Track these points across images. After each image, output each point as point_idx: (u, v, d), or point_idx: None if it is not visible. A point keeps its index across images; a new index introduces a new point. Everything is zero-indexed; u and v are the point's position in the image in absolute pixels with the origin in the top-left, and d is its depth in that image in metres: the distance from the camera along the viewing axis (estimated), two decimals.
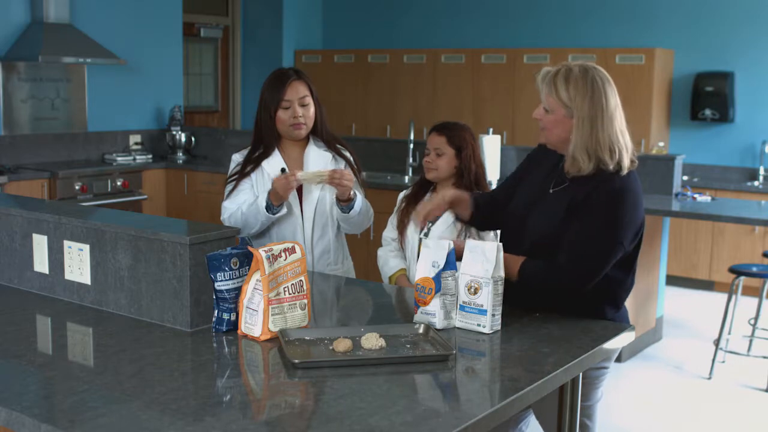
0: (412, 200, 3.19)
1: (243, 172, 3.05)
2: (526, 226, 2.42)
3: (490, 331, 2.18)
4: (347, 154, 3.14)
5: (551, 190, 2.41)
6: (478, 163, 3.14)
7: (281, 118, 2.99)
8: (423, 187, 3.21)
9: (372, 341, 2.01)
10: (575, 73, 2.31)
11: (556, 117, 2.33)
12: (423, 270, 2.23)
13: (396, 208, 3.24)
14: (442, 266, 2.21)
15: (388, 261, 3.19)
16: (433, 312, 2.20)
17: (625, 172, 2.31)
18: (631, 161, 2.35)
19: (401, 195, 3.28)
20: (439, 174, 3.13)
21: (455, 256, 2.26)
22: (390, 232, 3.25)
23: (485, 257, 2.19)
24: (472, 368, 2.01)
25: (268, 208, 2.91)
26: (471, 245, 2.23)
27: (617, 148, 2.30)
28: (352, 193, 2.96)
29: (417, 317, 2.23)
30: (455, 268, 2.23)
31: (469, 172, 3.10)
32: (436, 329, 2.16)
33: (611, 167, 2.30)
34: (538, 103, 2.40)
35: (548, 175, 2.46)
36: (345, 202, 2.97)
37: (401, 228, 3.18)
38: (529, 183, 2.53)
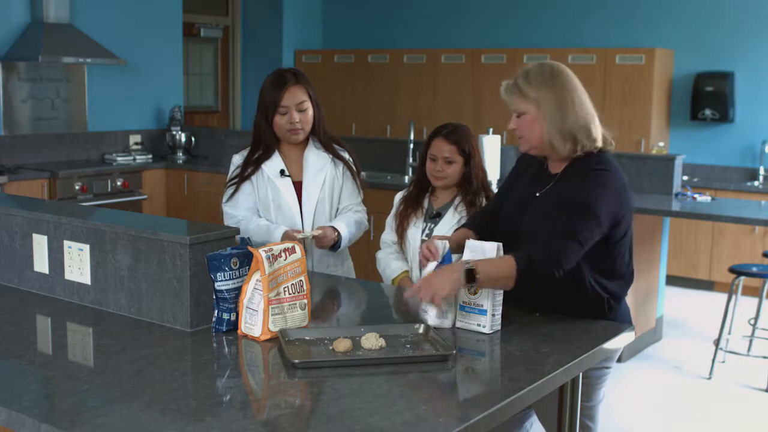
0: (412, 202, 3.14)
1: (243, 176, 3.05)
2: (520, 232, 2.41)
3: (490, 331, 2.18)
4: (346, 155, 3.14)
5: (538, 194, 2.42)
6: (483, 168, 3.10)
7: (278, 123, 2.99)
8: (422, 189, 3.15)
9: (372, 341, 2.01)
10: (531, 69, 2.39)
11: (531, 116, 2.36)
12: (428, 267, 2.30)
13: (394, 211, 3.21)
14: (435, 265, 2.26)
15: (390, 264, 3.15)
16: (426, 309, 2.24)
17: (599, 145, 2.35)
18: (609, 142, 2.39)
19: (398, 197, 3.23)
20: (448, 182, 3.05)
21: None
22: (389, 235, 3.20)
23: (485, 257, 2.20)
24: (472, 368, 2.02)
25: None
26: (471, 245, 2.25)
27: (591, 126, 2.35)
28: (335, 235, 3.00)
29: (420, 313, 2.27)
30: None
31: (477, 179, 3.05)
32: (432, 326, 2.18)
33: (588, 147, 2.33)
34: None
35: (533, 180, 2.47)
36: (331, 248, 3.04)
37: (401, 231, 3.14)
38: (516, 190, 2.55)
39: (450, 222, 3.01)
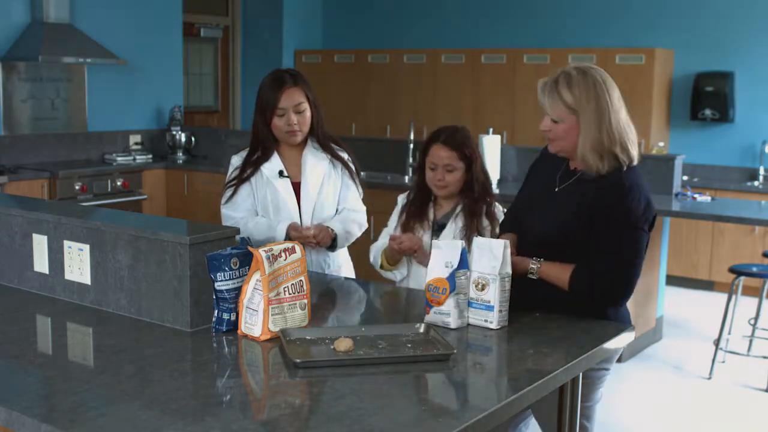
0: (416, 214, 2.97)
1: (241, 177, 3.04)
2: (530, 224, 2.42)
3: (498, 327, 2.20)
4: (345, 155, 3.13)
5: (557, 188, 2.42)
6: (485, 172, 2.95)
7: (276, 124, 2.99)
8: (424, 199, 2.97)
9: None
10: (575, 76, 2.31)
11: (567, 125, 2.32)
12: (435, 271, 2.24)
13: (396, 217, 3.06)
14: (456, 266, 2.22)
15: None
16: (448, 312, 2.22)
17: (635, 162, 2.36)
18: (633, 157, 2.38)
19: (401, 199, 3.07)
20: (450, 190, 2.88)
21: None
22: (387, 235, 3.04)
23: (492, 254, 2.22)
24: (472, 368, 2.02)
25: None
26: (478, 242, 2.26)
27: (627, 141, 2.34)
28: (331, 231, 2.99)
29: (429, 318, 2.24)
30: (467, 267, 2.24)
31: (478, 185, 2.89)
32: (451, 328, 2.18)
33: (625, 161, 2.33)
34: (539, 110, 2.39)
35: (553, 174, 2.46)
36: (329, 248, 3.04)
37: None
38: (532, 183, 2.56)
39: (451, 233, 2.87)
